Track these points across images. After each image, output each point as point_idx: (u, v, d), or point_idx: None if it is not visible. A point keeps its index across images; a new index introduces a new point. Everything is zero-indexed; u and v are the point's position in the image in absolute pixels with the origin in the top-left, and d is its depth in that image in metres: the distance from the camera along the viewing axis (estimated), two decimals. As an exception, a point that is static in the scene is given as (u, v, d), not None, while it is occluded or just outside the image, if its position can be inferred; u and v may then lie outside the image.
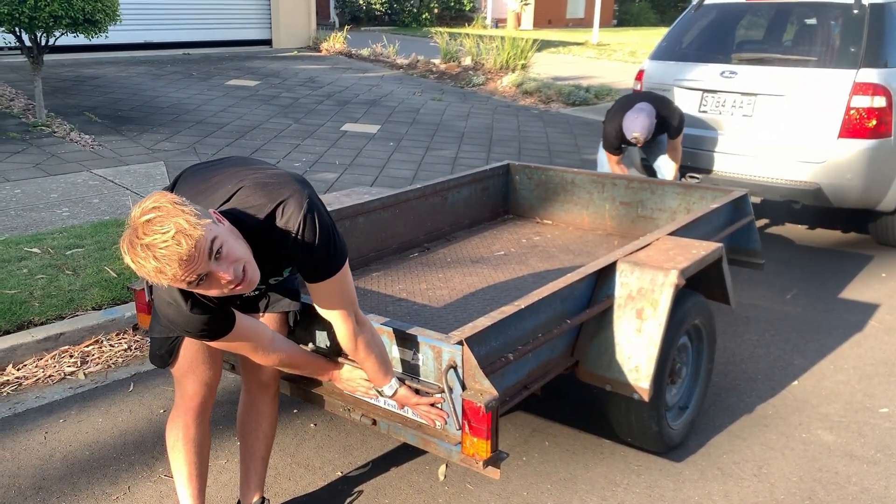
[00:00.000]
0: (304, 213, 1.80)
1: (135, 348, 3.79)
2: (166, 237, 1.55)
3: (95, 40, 7.60)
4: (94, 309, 3.94)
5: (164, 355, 2.18)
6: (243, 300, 2.18)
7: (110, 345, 3.79)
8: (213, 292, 1.70)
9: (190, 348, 2.17)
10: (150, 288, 2.27)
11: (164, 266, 1.57)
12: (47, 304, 3.91)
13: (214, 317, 1.86)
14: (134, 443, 3.01)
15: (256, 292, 2.08)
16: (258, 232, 1.80)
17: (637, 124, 4.75)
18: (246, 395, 2.42)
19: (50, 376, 3.52)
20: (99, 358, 3.69)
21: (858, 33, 4.96)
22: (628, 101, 5.02)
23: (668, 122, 4.93)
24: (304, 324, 2.41)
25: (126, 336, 3.87)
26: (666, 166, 5.18)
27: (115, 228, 4.99)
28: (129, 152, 6.94)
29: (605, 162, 5.27)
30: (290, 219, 1.80)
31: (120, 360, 3.70)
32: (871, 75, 4.81)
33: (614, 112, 5.01)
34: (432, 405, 2.15)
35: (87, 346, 3.75)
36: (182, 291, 1.80)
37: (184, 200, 1.63)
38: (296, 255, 1.85)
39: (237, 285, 1.70)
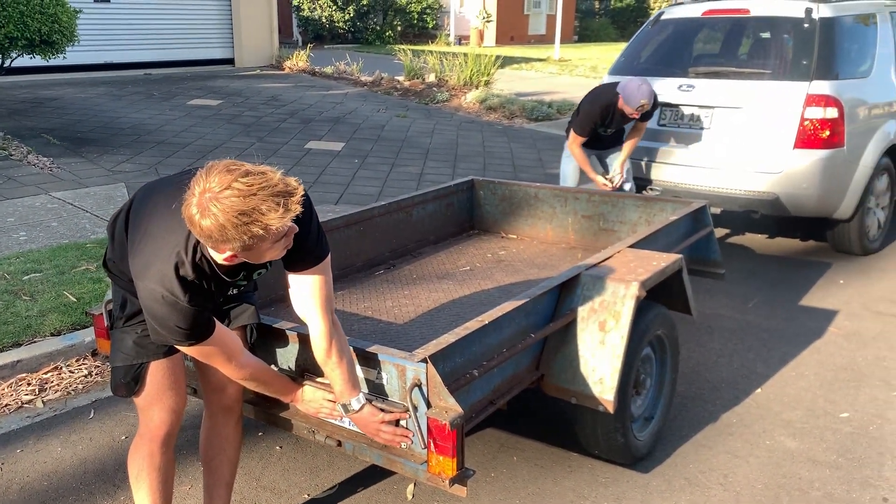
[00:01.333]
0: (302, 196, 1.91)
1: (95, 374, 3.71)
2: (276, 177, 1.79)
3: (53, 61, 7.49)
4: (52, 335, 3.86)
5: (130, 383, 2.13)
6: (217, 307, 2.15)
7: (70, 371, 3.71)
8: (276, 249, 1.82)
9: (156, 374, 2.13)
10: (110, 313, 2.23)
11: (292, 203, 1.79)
12: (3, 331, 3.81)
13: (205, 313, 1.89)
14: (94, 471, 2.95)
15: (235, 291, 2.10)
16: None
17: (644, 91, 4.77)
18: (209, 420, 2.38)
19: (6, 405, 3.43)
20: (58, 385, 3.61)
21: (810, 47, 5.08)
22: (602, 89, 5.07)
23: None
24: (264, 345, 2.38)
25: (86, 362, 3.80)
26: (617, 160, 5.25)
27: (75, 252, 4.89)
28: (89, 174, 6.83)
29: (569, 174, 5.31)
30: None
31: (80, 386, 3.62)
32: (823, 87, 4.93)
33: (595, 97, 5.03)
34: (397, 423, 2.14)
35: (45, 373, 3.67)
36: (182, 283, 1.82)
37: None
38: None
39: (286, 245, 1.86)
